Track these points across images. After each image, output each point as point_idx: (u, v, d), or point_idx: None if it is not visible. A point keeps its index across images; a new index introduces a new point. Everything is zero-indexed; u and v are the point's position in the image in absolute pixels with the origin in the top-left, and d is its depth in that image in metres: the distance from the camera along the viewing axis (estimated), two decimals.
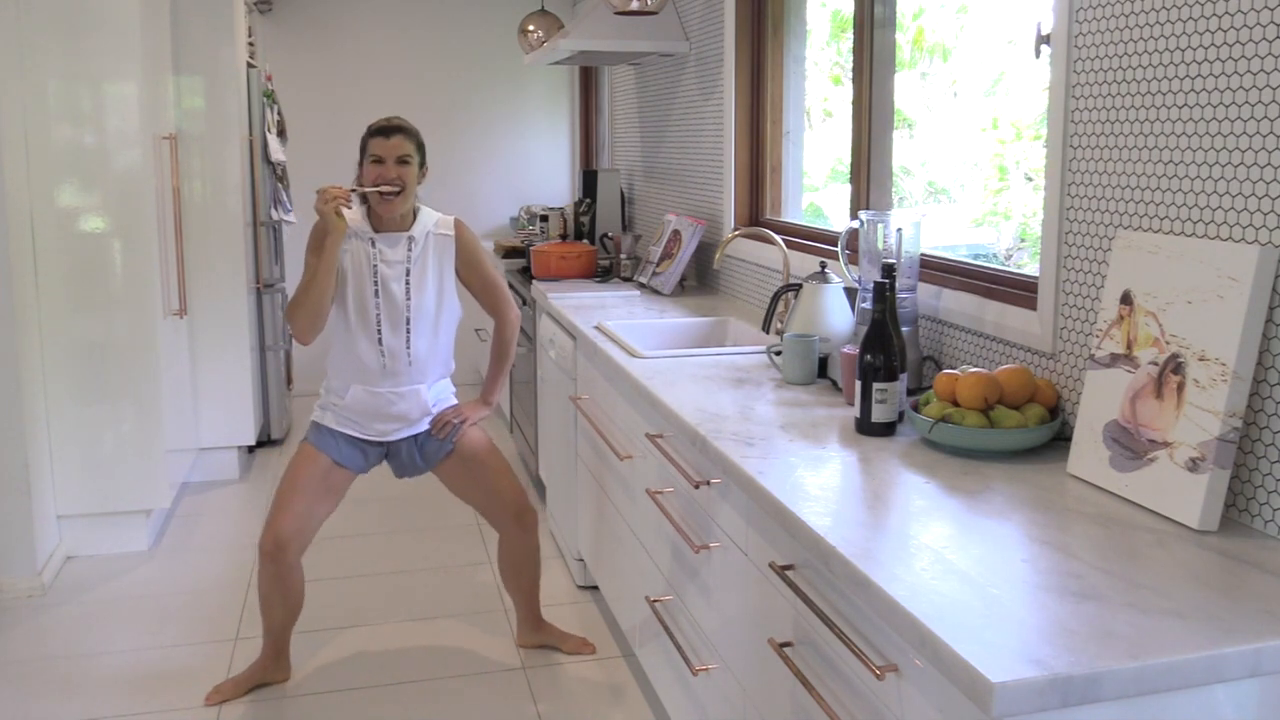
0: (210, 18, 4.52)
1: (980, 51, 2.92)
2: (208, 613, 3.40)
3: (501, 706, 2.86)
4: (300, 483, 2.79)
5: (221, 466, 4.74)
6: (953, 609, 1.32)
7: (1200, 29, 1.70)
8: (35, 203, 3.64)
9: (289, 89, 5.81)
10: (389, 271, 2.78)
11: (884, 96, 2.95)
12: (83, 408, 3.77)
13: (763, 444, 2.02)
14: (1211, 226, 1.69)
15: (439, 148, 6.16)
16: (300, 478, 2.80)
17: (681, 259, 3.94)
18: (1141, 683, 1.20)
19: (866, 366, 2.08)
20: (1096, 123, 1.95)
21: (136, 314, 3.79)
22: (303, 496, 2.78)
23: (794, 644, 1.75)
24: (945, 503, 1.72)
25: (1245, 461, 1.63)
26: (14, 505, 3.47)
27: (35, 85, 3.61)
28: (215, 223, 4.57)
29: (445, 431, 2.90)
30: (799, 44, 3.65)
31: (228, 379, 4.67)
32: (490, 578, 3.65)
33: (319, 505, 2.82)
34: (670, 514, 2.33)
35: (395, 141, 2.74)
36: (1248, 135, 1.61)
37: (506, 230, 6.39)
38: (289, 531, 2.76)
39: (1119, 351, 1.80)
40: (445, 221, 2.89)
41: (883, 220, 2.45)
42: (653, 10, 3.78)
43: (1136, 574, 1.43)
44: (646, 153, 4.90)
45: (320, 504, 2.83)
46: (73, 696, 2.90)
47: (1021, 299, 2.23)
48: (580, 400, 3.27)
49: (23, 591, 3.50)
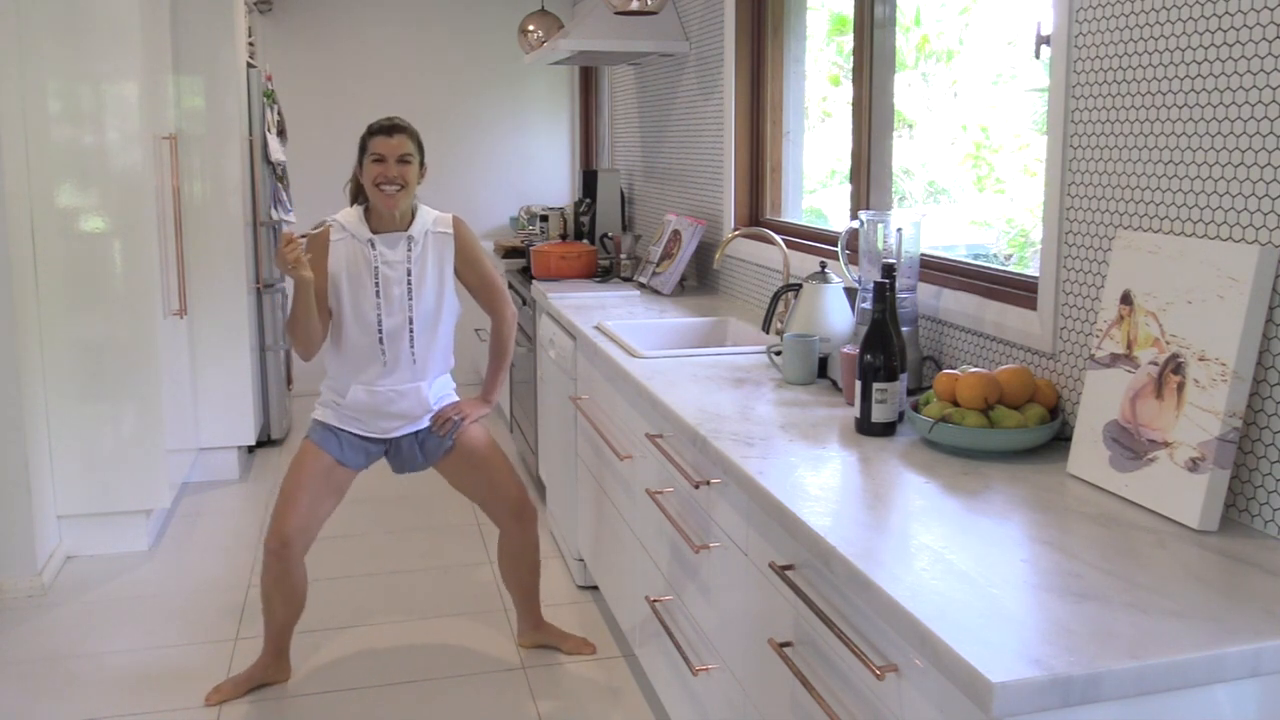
0: (210, 18, 4.52)
1: (981, 52, 2.92)
2: (208, 613, 3.40)
3: (501, 706, 2.86)
4: (304, 480, 2.80)
5: (221, 466, 4.74)
6: (953, 609, 1.32)
7: (1200, 29, 1.70)
8: (35, 203, 3.64)
9: (289, 89, 5.81)
10: (390, 273, 2.79)
11: (884, 97, 2.95)
12: (83, 408, 3.77)
13: (763, 444, 2.02)
14: (1212, 226, 1.69)
15: (439, 148, 6.16)
16: (304, 475, 2.81)
17: (681, 259, 3.94)
18: (1142, 683, 1.20)
19: (866, 366, 2.08)
20: (1096, 123, 1.95)
21: (136, 314, 3.79)
22: (307, 493, 2.79)
23: (794, 644, 1.75)
24: (945, 503, 1.72)
25: (1245, 461, 1.63)
26: (14, 505, 3.47)
27: (35, 85, 3.61)
28: (215, 223, 4.57)
29: (446, 428, 2.90)
30: (799, 44, 3.65)
31: (228, 379, 4.67)
32: (490, 577, 3.65)
33: (323, 502, 2.83)
34: (670, 514, 2.33)
35: (397, 140, 2.75)
36: (1248, 135, 1.61)
37: (506, 230, 6.39)
38: (294, 528, 2.77)
39: (1119, 351, 1.80)
40: (444, 219, 2.89)
41: (883, 220, 2.45)
42: (653, 10, 3.78)
43: (1136, 574, 1.43)
44: (646, 153, 4.90)
45: (324, 501, 2.84)
46: (73, 696, 2.90)
47: (1021, 299, 2.23)
48: (580, 400, 3.27)
49: (23, 591, 3.50)
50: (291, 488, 2.80)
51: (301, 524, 2.78)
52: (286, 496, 2.80)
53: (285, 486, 2.82)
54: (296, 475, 2.81)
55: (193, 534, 4.10)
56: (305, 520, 2.79)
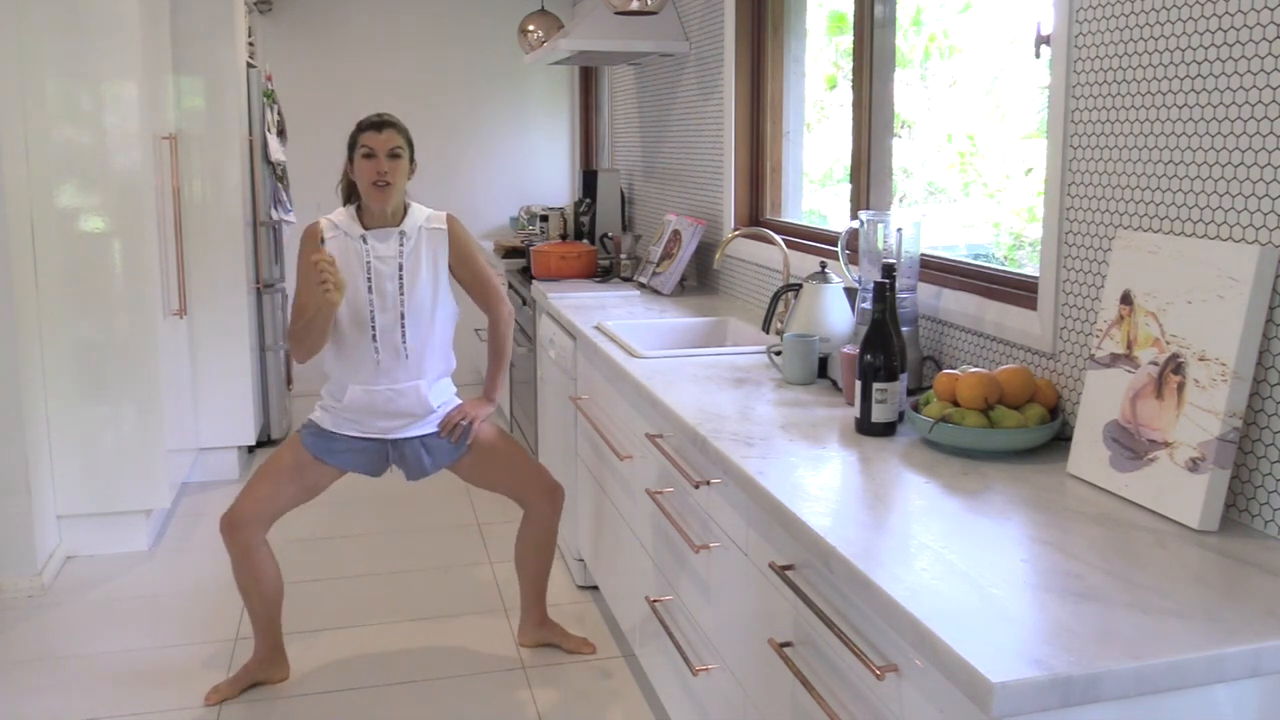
0: (210, 18, 4.52)
1: (982, 51, 2.91)
2: (207, 613, 3.40)
3: (501, 707, 2.86)
4: (271, 469, 2.85)
5: (221, 467, 4.74)
6: (953, 609, 1.32)
7: (1200, 29, 1.70)
8: (35, 203, 3.64)
9: (289, 89, 5.80)
10: (383, 268, 2.79)
11: (884, 97, 2.95)
12: (83, 408, 3.77)
13: (763, 444, 2.02)
14: (1212, 226, 1.69)
15: (439, 147, 6.17)
16: (273, 465, 2.86)
17: (681, 259, 3.94)
18: (1142, 683, 1.20)
19: (866, 366, 2.08)
20: (1097, 123, 1.95)
21: (136, 314, 3.79)
22: (269, 483, 2.83)
23: (794, 644, 1.75)
24: (945, 503, 1.72)
25: (1245, 461, 1.63)
26: (14, 505, 3.47)
27: (35, 85, 3.61)
28: (215, 223, 4.57)
29: (456, 434, 2.90)
30: (799, 44, 3.65)
31: (228, 379, 4.67)
32: (490, 577, 3.65)
33: (285, 492, 2.85)
34: (670, 514, 2.33)
35: (387, 135, 2.76)
36: (1248, 135, 1.61)
37: (506, 230, 6.39)
38: (245, 512, 2.80)
39: (1119, 351, 1.80)
40: (437, 216, 2.90)
41: (883, 220, 2.45)
42: (653, 10, 3.78)
43: (1137, 574, 1.43)
44: (646, 153, 4.90)
45: (287, 492, 2.86)
46: (73, 696, 2.90)
47: (1022, 299, 2.23)
48: (580, 400, 3.27)
49: (23, 591, 3.50)
50: (258, 474, 2.86)
51: (253, 509, 2.81)
52: (250, 481, 2.85)
53: (255, 472, 2.88)
54: (267, 464, 2.87)
55: (193, 534, 4.10)
56: (257, 506, 2.81)
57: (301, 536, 3.95)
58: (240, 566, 2.84)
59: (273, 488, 2.83)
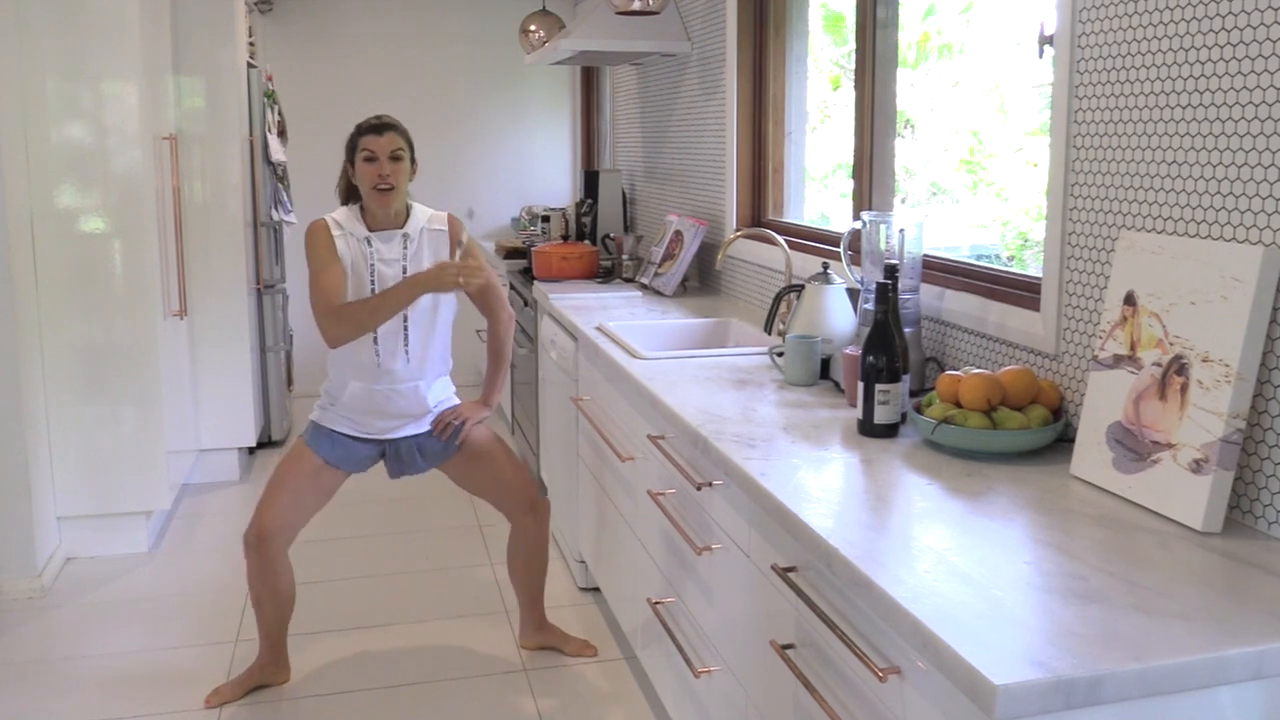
0: (210, 18, 4.52)
1: (984, 51, 2.91)
2: (208, 614, 3.40)
3: (502, 708, 2.85)
4: (288, 478, 2.82)
5: (222, 468, 4.73)
6: (955, 611, 1.32)
7: (1204, 29, 1.69)
8: (35, 203, 3.63)
9: (289, 89, 5.80)
10: (386, 270, 2.79)
11: (886, 97, 2.95)
12: (83, 408, 3.76)
13: (765, 445, 2.02)
14: (1215, 227, 1.68)
15: (440, 148, 6.16)
16: (289, 473, 2.83)
17: (683, 260, 3.94)
18: (1145, 685, 1.19)
19: (869, 368, 2.07)
20: (1100, 123, 1.94)
21: (136, 315, 3.78)
22: (288, 491, 2.81)
23: (796, 646, 1.75)
24: (948, 504, 1.71)
25: (1249, 463, 1.62)
26: (14, 506, 3.47)
27: (35, 85, 3.61)
28: (215, 223, 4.56)
29: (447, 433, 2.90)
30: (801, 43, 3.64)
31: (228, 380, 4.66)
32: (490, 578, 3.65)
33: (305, 501, 2.84)
34: (672, 515, 2.33)
35: (388, 138, 2.76)
36: (1251, 136, 1.61)
37: (508, 231, 6.38)
38: (273, 525, 2.78)
39: (1122, 353, 1.80)
40: (438, 217, 2.90)
41: (885, 221, 2.44)
42: (654, 10, 3.77)
43: (1140, 576, 1.43)
44: (648, 153, 4.90)
45: (307, 500, 2.84)
46: (73, 698, 2.89)
47: (1024, 300, 2.23)
48: (582, 401, 3.26)
49: (23, 593, 3.49)
50: (275, 485, 2.82)
51: (281, 522, 2.79)
52: (268, 492, 2.82)
53: (270, 482, 2.84)
54: (282, 473, 2.84)
55: (193, 535, 4.10)
56: (285, 518, 2.80)
57: (302, 538, 3.90)
58: (259, 577, 2.82)
59: (293, 497, 2.81)
